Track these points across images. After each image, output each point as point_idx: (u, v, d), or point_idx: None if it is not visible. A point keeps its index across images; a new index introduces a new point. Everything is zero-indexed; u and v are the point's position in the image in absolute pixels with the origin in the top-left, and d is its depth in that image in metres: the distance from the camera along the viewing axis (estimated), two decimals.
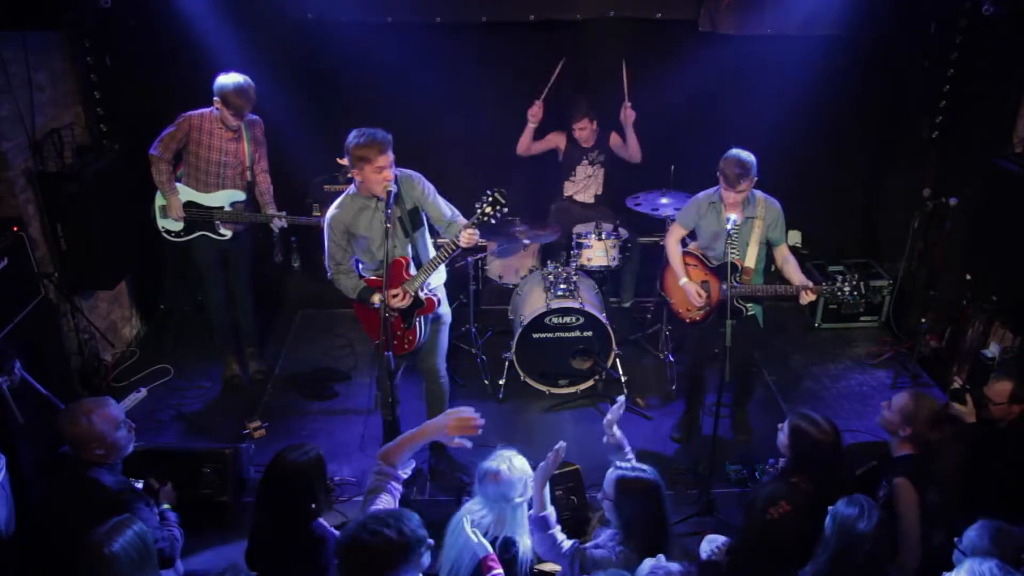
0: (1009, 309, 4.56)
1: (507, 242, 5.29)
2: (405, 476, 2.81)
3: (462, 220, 3.83)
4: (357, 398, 5.01)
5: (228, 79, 4.32)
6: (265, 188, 4.72)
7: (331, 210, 3.81)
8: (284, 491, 2.84)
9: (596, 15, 5.18)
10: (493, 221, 3.64)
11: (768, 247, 4.18)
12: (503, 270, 5.40)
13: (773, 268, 4.30)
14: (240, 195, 4.63)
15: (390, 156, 3.60)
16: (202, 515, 3.72)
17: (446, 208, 3.89)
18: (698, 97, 5.58)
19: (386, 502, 2.65)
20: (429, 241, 4.01)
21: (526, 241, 5.18)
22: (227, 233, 4.64)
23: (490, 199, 3.57)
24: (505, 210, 3.61)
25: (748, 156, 3.96)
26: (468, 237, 3.62)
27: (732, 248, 3.93)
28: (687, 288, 4.23)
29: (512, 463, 2.85)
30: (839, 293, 3.85)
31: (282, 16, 5.04)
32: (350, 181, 5.49)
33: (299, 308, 5.96)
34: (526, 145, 5.50)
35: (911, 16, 5.06)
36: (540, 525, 2.83)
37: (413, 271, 3.82)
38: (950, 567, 2.48)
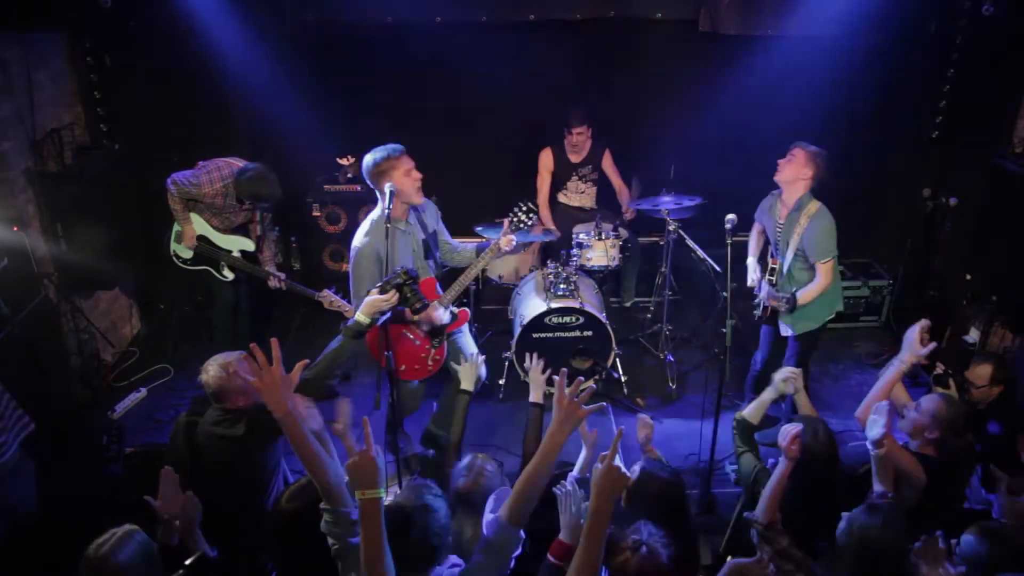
0: (1009, 309, 4.57)
1: None
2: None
3: (467, 247, 4.03)
4: (357, 399, 4.98)
5: (254, 173, 4.45)
6: (266, 246, 4.85)
7: (359, 239, 3.65)
8: (298, 535, 2.53)
9: (596, 15, 5.18)
10: (525, 227, 3.86)
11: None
12: (503, 270, 5.40)
13: None
14: (250, 246, 4.75)
15: (409, 158, 3.67)
16: None
17: (449, 236, 4.06)
18: (698, 97, 5.58)
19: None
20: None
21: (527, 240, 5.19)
22: (230, 276, 4.74)
23: (524, 208, 3.83)
24: (535, 216, 3.89)
25: (797, 147, 4.02)
26: (509, 241, 3.85)
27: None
28: (748, 264, 4.39)
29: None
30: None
31: (282, 16, 5.05)
32: (351, 181, 5.56)
33: (299, 308, 5.96)
34: (544, 196, 5.62)
35: (911, 16, 5.06)
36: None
37: (440, 290, 3.86)
38: None
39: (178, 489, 2.64)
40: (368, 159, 3.63)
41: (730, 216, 3.94)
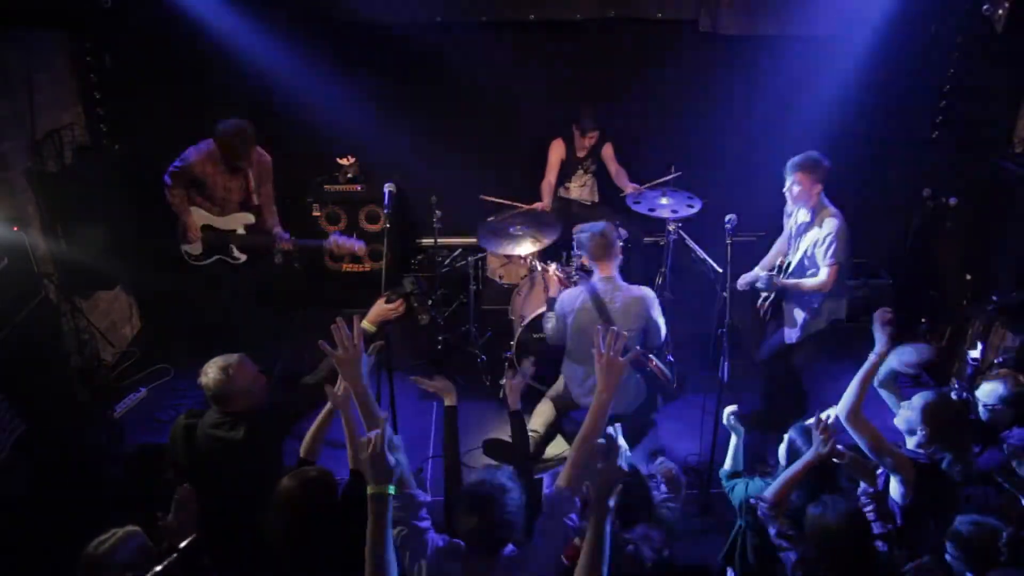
0: (1009, 309, 4.56)
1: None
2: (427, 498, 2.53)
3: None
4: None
5: (225, 125, 4.36)
6: (268, 213, 4.77)
7: (565, 295, 3.96)
8: (304, 520, 2.50)
9: (596, 15, 5.19)
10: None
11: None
12: (503, 270, 5.40)
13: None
14: (251, 218, 4.69)
15: None
16: None
17: None
18: (697, 97, 5.59)
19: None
20: None
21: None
22: (241, 257, 4.70)
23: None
24: None
25: (800, 157, 4.02)
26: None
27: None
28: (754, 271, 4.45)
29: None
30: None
31: (283, 16, 5.05)
32: (351, 181, 5.58)
33: (299, 309, 5.95)
34: (550, 182, 5.60)
35: (911, 16, 5.06)
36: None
37: None
38: None
39: (194, 516, 2.52)
40: (591, 235, 3.88)
41: (730, 216, 3.95)
